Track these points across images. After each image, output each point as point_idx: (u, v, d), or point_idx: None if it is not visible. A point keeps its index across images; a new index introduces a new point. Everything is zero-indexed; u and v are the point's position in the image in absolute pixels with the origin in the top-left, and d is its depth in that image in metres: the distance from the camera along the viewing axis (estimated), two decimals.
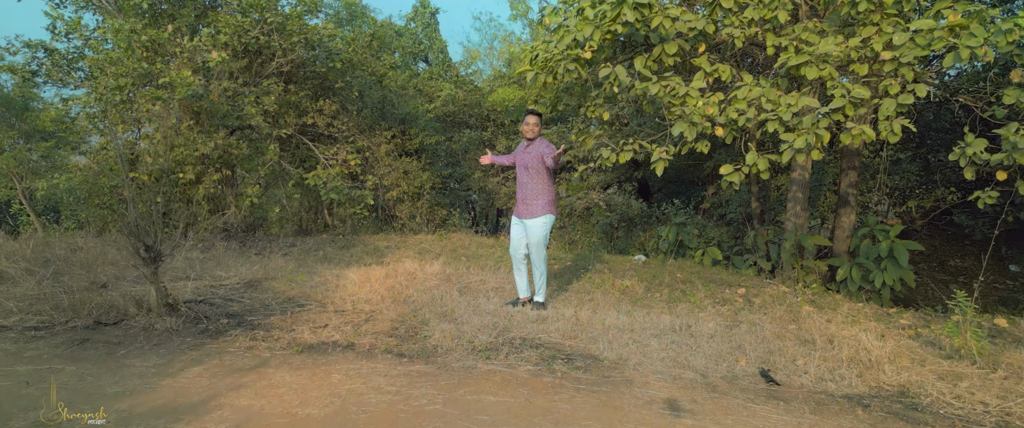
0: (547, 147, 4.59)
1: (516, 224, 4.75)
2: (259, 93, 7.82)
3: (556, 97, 5.68)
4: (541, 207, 4.62)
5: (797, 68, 4.44)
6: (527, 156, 4.62)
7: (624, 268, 7.20)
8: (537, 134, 4.68)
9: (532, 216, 4.63)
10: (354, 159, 8.49)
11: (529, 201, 4.63)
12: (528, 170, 4.60)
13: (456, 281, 5.68)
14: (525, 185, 4.63)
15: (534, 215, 4.62)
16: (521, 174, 4.66)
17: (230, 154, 7.29)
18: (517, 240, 4.74)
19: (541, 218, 4.63)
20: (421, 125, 10.44)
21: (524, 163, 4.63)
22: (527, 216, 4.64)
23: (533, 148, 4.63)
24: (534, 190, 4.62)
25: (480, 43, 29.36)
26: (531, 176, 4.61)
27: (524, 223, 4.68)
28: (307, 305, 4.56)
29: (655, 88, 4.73)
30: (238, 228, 7.56)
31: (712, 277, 6.87)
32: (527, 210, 4.64)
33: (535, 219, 4.62)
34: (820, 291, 6.13)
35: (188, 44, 6.87)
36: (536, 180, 4.61)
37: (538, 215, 4.63)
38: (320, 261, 6.88)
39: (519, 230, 4.73)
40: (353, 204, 8.49)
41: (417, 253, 7.64)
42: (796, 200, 7.30)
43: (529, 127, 4.62)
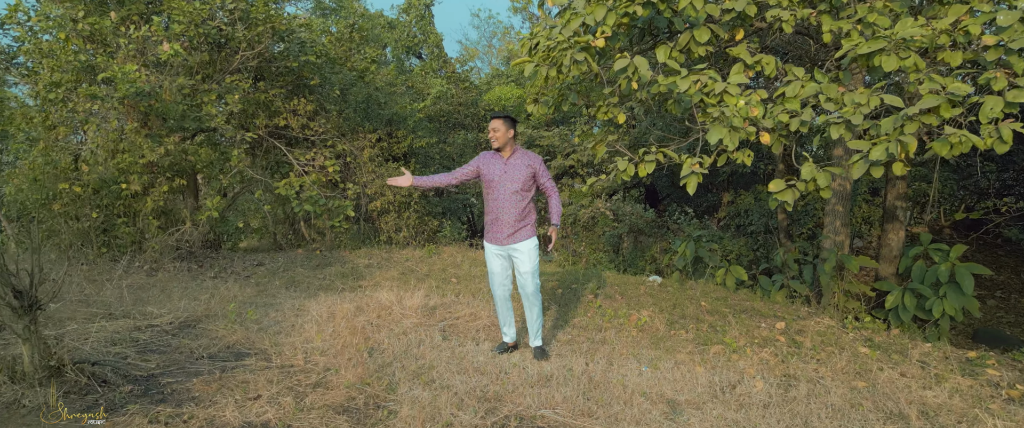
0: (540, 165, 3.76)
1: (495, 255, 3.79)
2: (222, 91, 6.87)
3: (560, 95, 4.73)
4: (529, 229, 3.74)
5: (869, 57, 3.49)
6: (511, 173, 3.69)
7: (638, 292, 6.25)
8: (506, 140, 3.71)
9: (520, 241, 3.70)
10: (332, 165, 7.54)
11: (515, 224, 3.69)
12: (517, 192, 3.67)
13: (441, 316, 4.73)
14: (507, 207, 3.69)
15: (526, 238, 3.71)
16: (500, 195, 3.70)
17: (185, 161, 6.34)
18: (501, 276, 3.81)
19: (531, 242, 3.72)
20: (410, 126, 9.49)
21: (508, 185, 3.68)
22: (514, 241, 3.70)
23: (517, 163, 3.70)
24: (522, 212, 3.70)
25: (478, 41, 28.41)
26: (518, 197, 3.68)
27: (509, 252, 3.74)
28: (247, 358, 3.60)
29: (685, 84, 3.78)
30: (196, 246, 6.61)
31: (741, 304, 5.92)
32: (513, 235, 3.70)
33: (524, 243, 3.70)
34: (873, 325, 5.18)
35: (135, 34, 5.93)
36: (523, 198, 3.71)
37: (529, 238, 3.72)
38: (285, 286, 5.93)
39: (501, 262, 3.79)
40: (331, 216, 7.54)
41: (400, 275, 6.70)
42: (835, 214, 6.35)
43: (498, 135, 3.66)
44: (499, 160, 3.73)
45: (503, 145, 3.69)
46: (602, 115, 4.43)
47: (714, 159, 3.89)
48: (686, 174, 3.66)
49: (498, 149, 3.70)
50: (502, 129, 3.67)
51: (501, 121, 3.68)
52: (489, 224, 3.77)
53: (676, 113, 4.15)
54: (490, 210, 3.75)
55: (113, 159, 5.74)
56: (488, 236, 3.80)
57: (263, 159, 8.07)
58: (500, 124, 3.67)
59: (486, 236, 3.82)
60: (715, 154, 3.91)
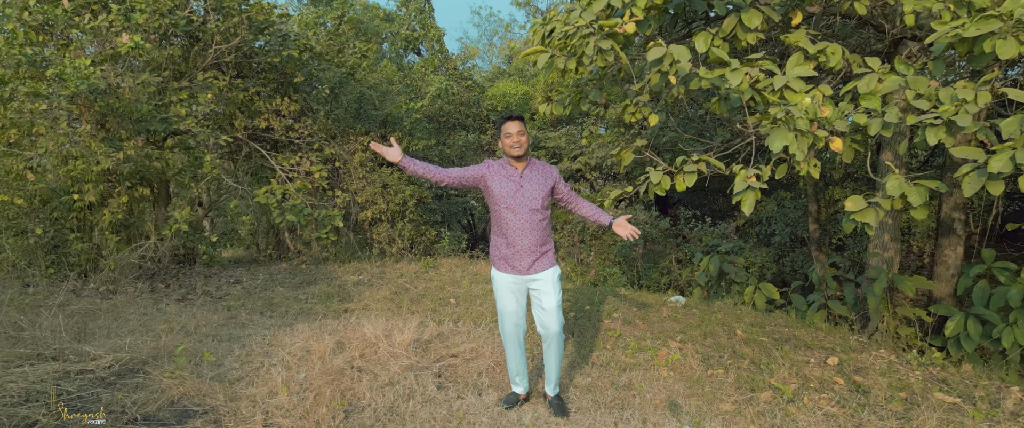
0: (558, 176, 3.12)
1: (509, 289, 3.04)
2: (195, 90, 6.15)
3: (578, 92, 4.00)
4: (553, 255, 3.08)
5: (975, 42, 2.76)
6: (528, 189, 2.98)
7: (660, 316, 5.53)
8: (528, 147, 3.02)
9: (543, 269, 3.00)
10: (319, 170, 6.82)
11: (537, 249, 2.98)
12: (537, 210, 2.97)
13: (436, 353, 4.01)
14: (526, 231, 2.97)
15: (549, 266, 3.02)
16: (517, 216, 2.98)
17: (150, 168, 5.62)
18: (516, 314, 3.07)
19: (555, 271, 3.03)
20: (406, 127, 8.76)
21: (526, 204, 2.97)
22: (535, 271, 2.99)
23: (534, 176, 3.00)
24: (543, 235, 3.00)
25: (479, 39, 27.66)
26: (540, 216, 2.98)
27: (529, 284, 3.01)
28: (191, 420, 2.88)
29: (736, 77, 3.06)
30: (164, 262, 5.88)
31: (779, 331, 5.20)
32: (534, 263, 2.98)
33: (548, 272, 3.00)
34: (940, 360, 4.45)
35: (88, 24, 5.21)
36: (544, 219, 3.01)
37: (553, 265, 3.05)
38: (261, 310, 5.20)
39: (517, 298, 3.05)
40: (319, 227, 6.82)
41: (392, 295, 5.97)
42: (885, 227, 5.62)
43: (515, 138, 2.92)
44: (512, 173, 3.00)
45: (525, 154, 2.99)
46: (629, 116, 3.70)
47: (772, 169, 3.16)
48: (741, 190, 2.93)
49: (516, 158, 2.97)
50: (525, 132, 2.96)
51: (519, 122, 2.95)
52: (501, 250, 3.03)
53: (720, 113, 3.43)
54: (503, 234, 3.01)
55: (65, 166, 5.02)
56: (501, 265, 3.04)
57: (244, 165, 7.35)
58: (521, 126, 2.94)
59: (497, 264, 3.08)
60: (773, 163, 3.18)
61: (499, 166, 3.04)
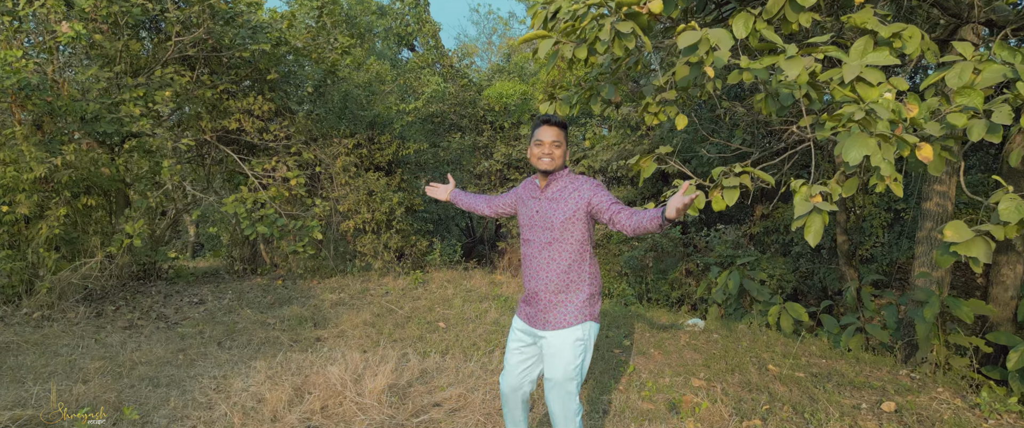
0: (594, 190, 2.25)
1: (517, 337, 2.39)
2: (154, 86, 5.47)
3: (590, 87, 3.32)
4: (578, 307, 2.24)
5: None
6: (546, 213, 2.29)
7: (678, 345, 4.86)
8: (562, 161, 2.32)
9: (559, 326, 2.23)
10: (296, 176, 6.13)
11: (550, 296, 2.27)
12: (553, 239, 2.26)
13: (415, 406, 3.32)
14: (538, 269, 2.28)
15: (563, 324, 2.23)
16: (530, 247, 2.33)
17: (96, 174, 4.94)
18: (517, 367, 2.38)
19: (577, 330, 2.22)
20: (397, 130, 8.07)
21: (542, 222, 2.29)
22: (548, 325, 2.26)
23: (558, 195, 2.29)
24: (562, 276, 2.25)
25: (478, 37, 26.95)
26: (558, 248, 2.26)
27: (539, 338, 2.32)
28: None
29: (793, 66, 2.38)
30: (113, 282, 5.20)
31: (816, 364, 4.53)
32: (549, 315, 2.26)
33: (560, 333, 2.22)
34: (1016, 406, 3.77)
35: (22, 10, 4.53)
36: (566, 253, 2.25)
37: (572, 324, 2.22)
38: (217, 341, 4.51)
39: (521, 349, 2.38)
40: (297, 239, 6.14)
41: (374, 318, 5.29)
42: (931, 242, 4.95)
43: (546, 149, 2.26)
44: (534, 192, 2.38)
45: (556, 168, 2.29)
46: (651, 118, 3.02)
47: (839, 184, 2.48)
48: (804, 213, 2.24)
49: (544, 174, 2.31)
50: (552, 137, 2.27)
51: (558, 130, 2.28)
52: (525, 290, 2.40)
53: (766, 114, 2.74)
54: (522, 267, 2.41)
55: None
56: (519, 306, 2.43)
57: (217, 170, 6.67)
58: (559, 135, 2.28)
59: (518, 310, 2.46)
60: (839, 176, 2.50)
61: (529, 185, 2.43)
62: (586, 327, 2.25)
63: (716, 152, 6.85)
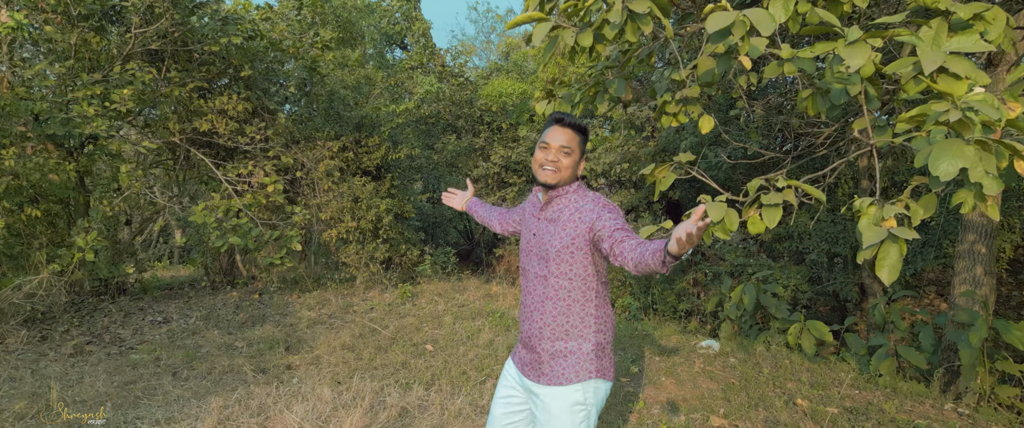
0: (599, 211, 1.71)
1: (510, 387, 1.90)
2: (113, 84, 4.96)
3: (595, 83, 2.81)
4: (581, 360, 1.73)
5: None
6: (545, 234, 1.80)
7: (692, 371, 4.35)
8: (570, 174, 1.80)
9: (555, 382, 1.74)
10: (273, 181, 5.62)
11: (543, 340, 1.77)
12: (548, 272, 1.77)
13: None
14: (537, 302, 1.80)
15: (560, 380, 1.73)
16: (529, 274, 1.85)
17: (45, 181, 4.44)
18: (500, 420, 1.89)
19: (576, 391, 1.72)
20: (386, 133, 7.56)
21: (537, 249, 1.81)
22: (542, 378, 1.77)
23: (561, 214, 1.79)
24: (561, 316, 1.75)
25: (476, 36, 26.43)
26: (554, 284, 1.76)
27: (532, 393, 1.82)
28: None
29: (857, 54, 1.88)
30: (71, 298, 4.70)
31: (849, 395, 4.03)
32: (544, 366, 1.77)
33: (562, 392, 1.72)
34: None
35: None
36: (565, 290, 1.75)
37: (571, 381, 1.72)
38: (173, 370, 4.00)
39: (511, 408, 1.89)
40: (276, 249, 5.63)
41: (354, 339, 4.78)
42: (975, 257, 4.45)
43: (552, 155, 1.76)
44: (536, 208, 1.89)
45: (560, 182, 1.78)
46: (669, 120, 2.51)
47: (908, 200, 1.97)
48: (875, 242, 1.73)
49: (546, 187, 1.80)
50: (575, 151, 1.78)
51: (573, 134, 1.78)
52: (521, 330, 1.92)
53: (814, 114, 2.23)
54: (523, 305, 1.90)
55: None
56: (516, 345, 1.96)
57: (187, 175, 6.17)
58: (573, 140, 1.77)
59: (513, 353, 1.99)
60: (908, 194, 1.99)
61: (533, 198, 1.97)
62: (590, 387, 1.72)
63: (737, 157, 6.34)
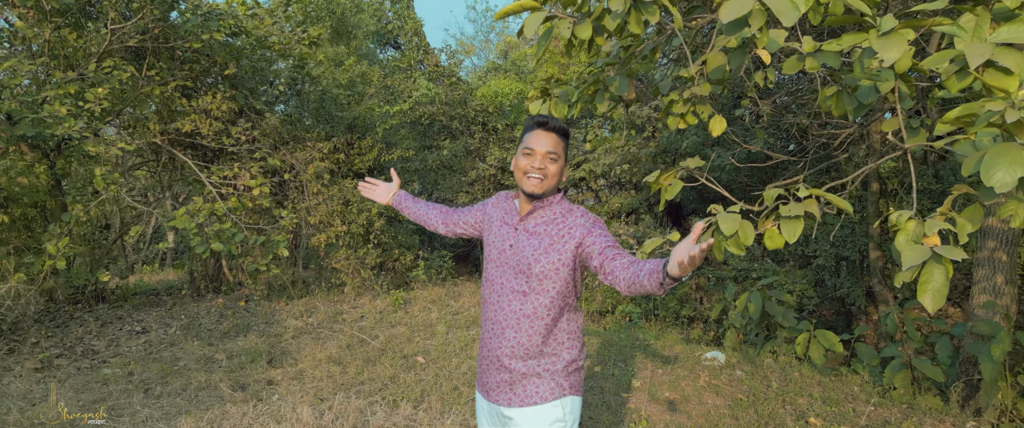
0: (589, 228, 1.57)
1: (485, 418, 1.74)
2: (88, 82, 4.73)
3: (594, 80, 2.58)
4: (555, 377, 1.59)
5: None
6: (526, 247, 1.61)
7: (697, 386, 4.12)
8: (557, 182, 1.63)
9: (529, 402, 1.58)
10: (259, 184, 5.39)
11: (517, 360, 1.60)
12: (528, 288, 1.59)
13: None
14: (511, 319, 1.61)
15: (536, 399, 1.58)
16: (501, 287, 1.65)
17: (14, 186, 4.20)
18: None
19: (554, 408, 1.57)
20: (379, 135, 7.33)
21: (516, 263, 1.62)
22: (514, 402, 1.60)
23: (546, 227, 1.62)
24: (537, 334, 1.60)
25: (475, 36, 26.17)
26: (533, 301, 1.59)
27: (506, 418, 1.64)
28: None
29: (893, 46, 1.66)
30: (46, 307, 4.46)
31: (864, 412, 3.80)
32: (516, 387, 1.61)
33: (538, 411, 1.57)
34: None
35: None
36: (543, 308, 1.59)
37: (547, 398, 1.57)
38: (145, 387, 3.77)
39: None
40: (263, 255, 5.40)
41: (342, 351, 4.55)
42: (995, 265, 4.22)
43: (538, 162, 1.59)
44: (510, 215, 1.70)
45: (547, 190, 1.62)
46: (675, 121, 2.28)
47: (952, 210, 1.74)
48: (917, 263, 1.50)
49: (530, 196, 1.62)
50: (561, 156, 1.62)
51: (558, 138, 1.61)
52: (479, 350, 1.73)
53: (839, 114, 2.00)
54: (482, 316, 1.72)
55: None
56: (479, 379, 1.75)
57: (169, 178, 5.94)
58: (558, 144, 1.61)
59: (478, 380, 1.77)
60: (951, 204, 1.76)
61: (502, 203, 1.77)
62: (567, 404, 1.60)
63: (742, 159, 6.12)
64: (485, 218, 1.81)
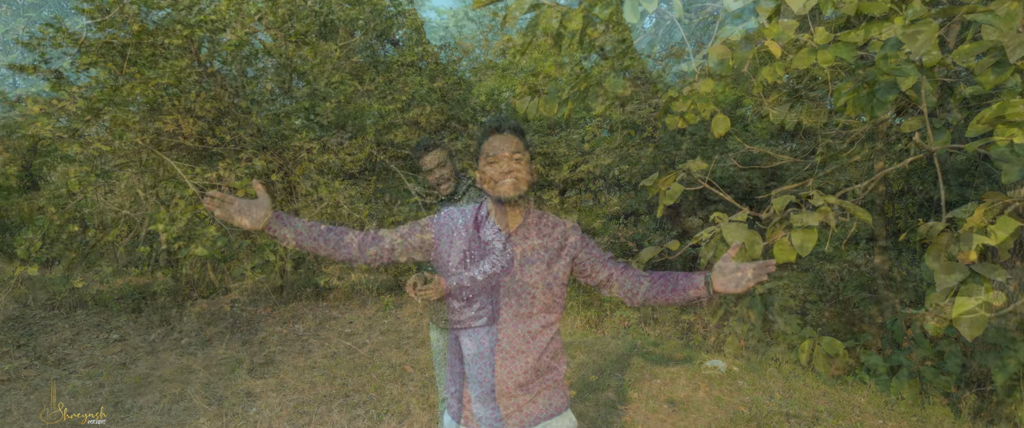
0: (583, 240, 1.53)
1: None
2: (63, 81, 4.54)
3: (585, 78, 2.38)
4: (563, 392, 1.55)
5: None
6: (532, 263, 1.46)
7: (697, 398, 3.94)
8: (528, 180, 1.49)
9: (553, 411, 1.52)
10: (243, 186, 5.20)
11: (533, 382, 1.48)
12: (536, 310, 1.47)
13: None
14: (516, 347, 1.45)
15: (552, 412, 1.52)
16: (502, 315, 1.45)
17: None
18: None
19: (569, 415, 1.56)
20: (371, 135, 7.12)
21: (516, 287, 1.45)
22: (544, 416, 1.51)
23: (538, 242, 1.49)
24: (542, 351, 1.48)
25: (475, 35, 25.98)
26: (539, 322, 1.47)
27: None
28: None
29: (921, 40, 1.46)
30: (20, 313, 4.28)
31: (872, 424, 3.61)
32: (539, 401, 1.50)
33: (562, 418, 1.54)
34: None
35: None
36: (550, 327, 1.50)
37: (560, 409, 1.54)
38: (115, 401, 3.57)
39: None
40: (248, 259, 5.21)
41: (326, 360, 4.36)
42: (1011, 270, 4.02)
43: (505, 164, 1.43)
44: (494, 233, 1.49)
45: (522, 191, 1.44)
46: (675, 120, 2.09)
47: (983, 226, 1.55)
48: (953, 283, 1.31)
49: (505, 203, 1.45)
50: (524, 153, 1.47)
51: (517, 139, 1.49)
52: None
53: (853, 114, 1.81)
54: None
55: None
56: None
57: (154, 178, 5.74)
58: (519, 145, 1.47)
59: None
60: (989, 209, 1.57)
61: (461, 222, 1.51)
62: (570, 416, 1.58)
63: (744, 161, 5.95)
64: (438, 240, 1.50)
